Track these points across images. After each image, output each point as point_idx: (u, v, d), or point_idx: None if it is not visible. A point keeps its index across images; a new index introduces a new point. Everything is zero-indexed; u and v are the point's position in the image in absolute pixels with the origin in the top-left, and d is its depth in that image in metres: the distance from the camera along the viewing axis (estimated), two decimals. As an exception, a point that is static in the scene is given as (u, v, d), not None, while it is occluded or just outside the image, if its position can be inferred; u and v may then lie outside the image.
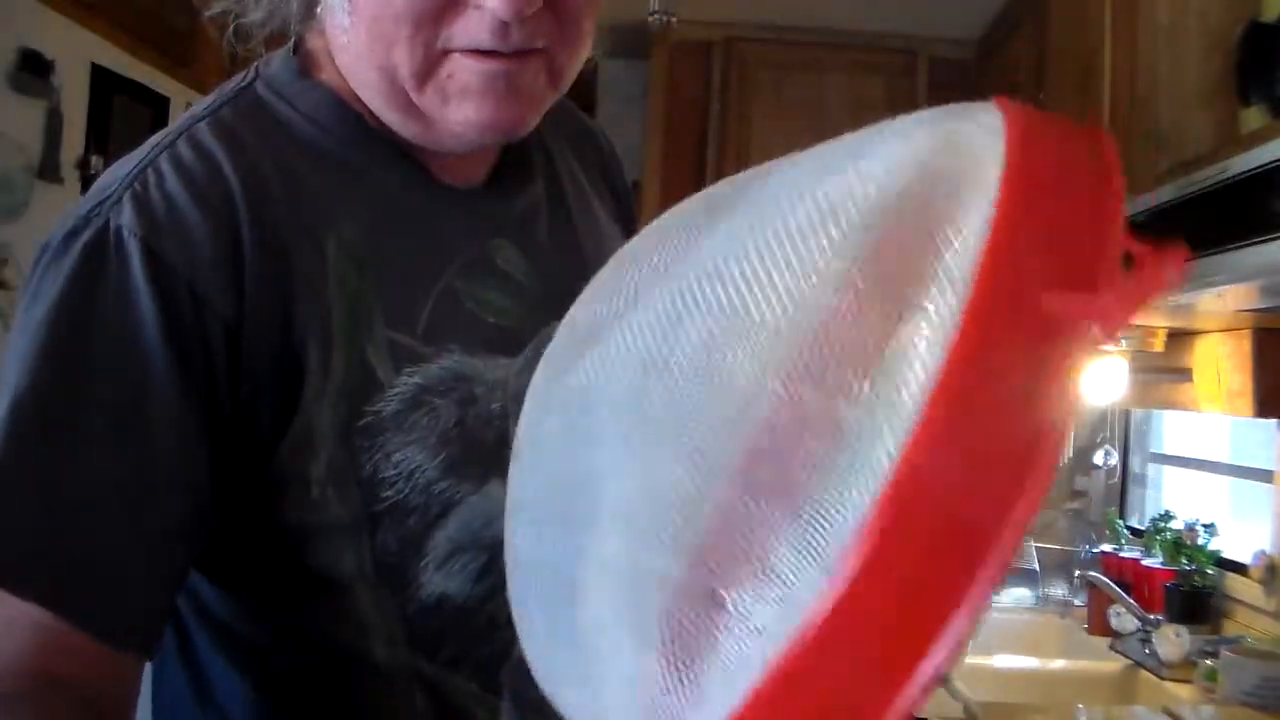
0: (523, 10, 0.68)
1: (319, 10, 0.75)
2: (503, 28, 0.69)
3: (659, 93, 3.02)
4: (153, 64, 1.85)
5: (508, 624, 0.73)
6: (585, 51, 0.77)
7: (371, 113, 0.76)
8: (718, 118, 2.99)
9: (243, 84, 0.79)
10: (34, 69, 1.49)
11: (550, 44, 0.72)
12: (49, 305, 0.66)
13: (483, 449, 0.75)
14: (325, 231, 0.72)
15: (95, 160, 1.63)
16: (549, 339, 0.68)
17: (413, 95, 0.72)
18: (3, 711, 0.60)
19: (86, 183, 1.62)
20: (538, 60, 0.72)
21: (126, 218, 0.67)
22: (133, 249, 0.66)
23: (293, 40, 0.80)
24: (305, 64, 0.78)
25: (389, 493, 0.72)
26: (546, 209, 0.85)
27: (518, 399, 0.66)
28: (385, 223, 0.75)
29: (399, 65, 0.70)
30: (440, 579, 0.74)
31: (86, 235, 0.67)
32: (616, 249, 0.54)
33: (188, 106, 1.96)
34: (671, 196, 2.19)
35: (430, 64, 0.70)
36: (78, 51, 1.60)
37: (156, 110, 1.82)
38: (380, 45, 0.70)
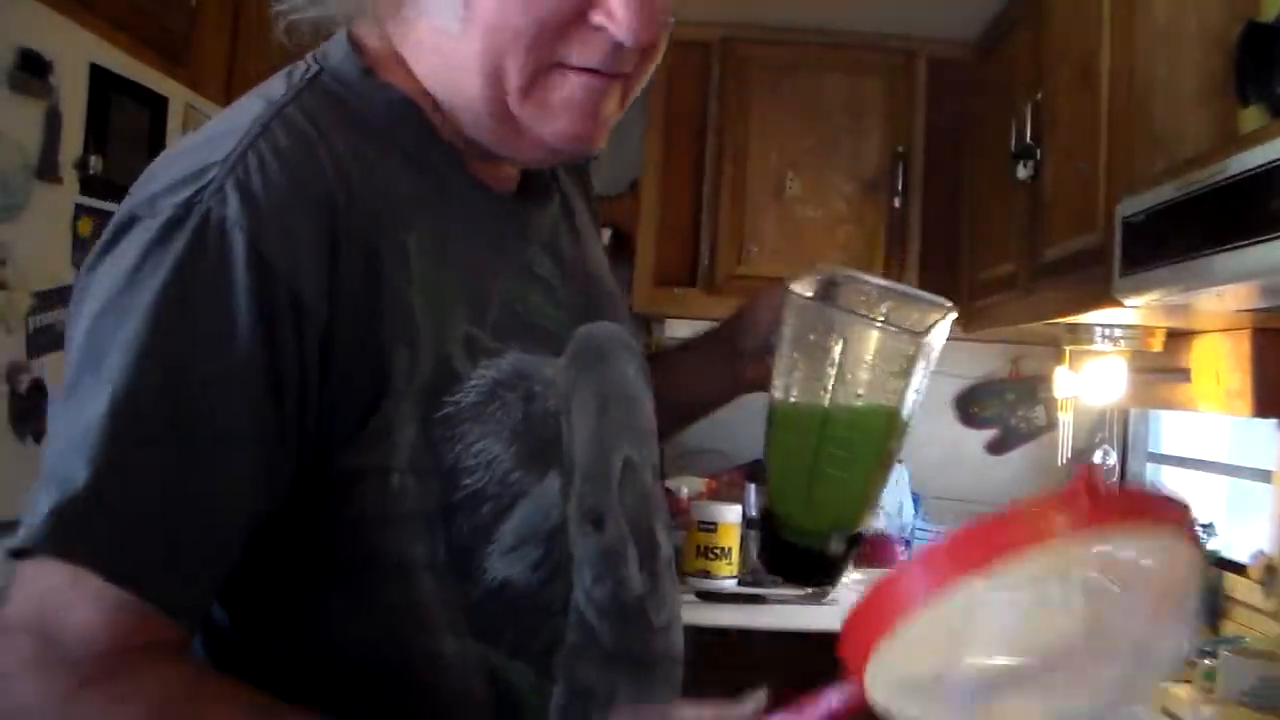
0: (644, 39, 0.73)
1: (402, 11, 0.77)
2: (617, 50, 0.74)
3: (659, 93, 3.01)
4: (152, 64, 1.84)
5: (561, 612, 0.79)
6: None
7: (439, 117, 0.79)
8: (717, 118, 2.99)
9: (308, 75, 0.78)
10: (33, 69, 1.48)
11: (633, 71, 0.78)
12: (151, 300, 0.66)
13: (544, 443, 0.79)
14: (405, 230, 0.74)
15: (94, 160, 1.63)
16: (583, 343, 0.84)
17: (513, 105, 0.75)
18: (130, 682, 0.64)
19: (86, 183, 1.61)
20: (620, 85, 0.78)
21: (232, 209, 0.68)
22: (237, 242, 0.67)
23: (345, 34, 0.81)
24: (368, 62, 0.79)
25: (469, 481, 0.75)
26: (563, 224, 0.90)
27: (567, 398, 0.79)
28: (453, 224, 0.79)
29: (509, 75, 0.73)
30: (504, 566, 0.76)
31: (191, 224, 0.67)
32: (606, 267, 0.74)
33: (187, 106, 1.96)
34: (671, 196, 2.20)
35: (539, 77, 0.74)
36: (77, 51, 1.60)
37: (156, 110, 1.82)
38: (492, 54, 0.73)
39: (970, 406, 3.29)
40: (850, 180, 2.97)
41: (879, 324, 0.97)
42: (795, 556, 1.00)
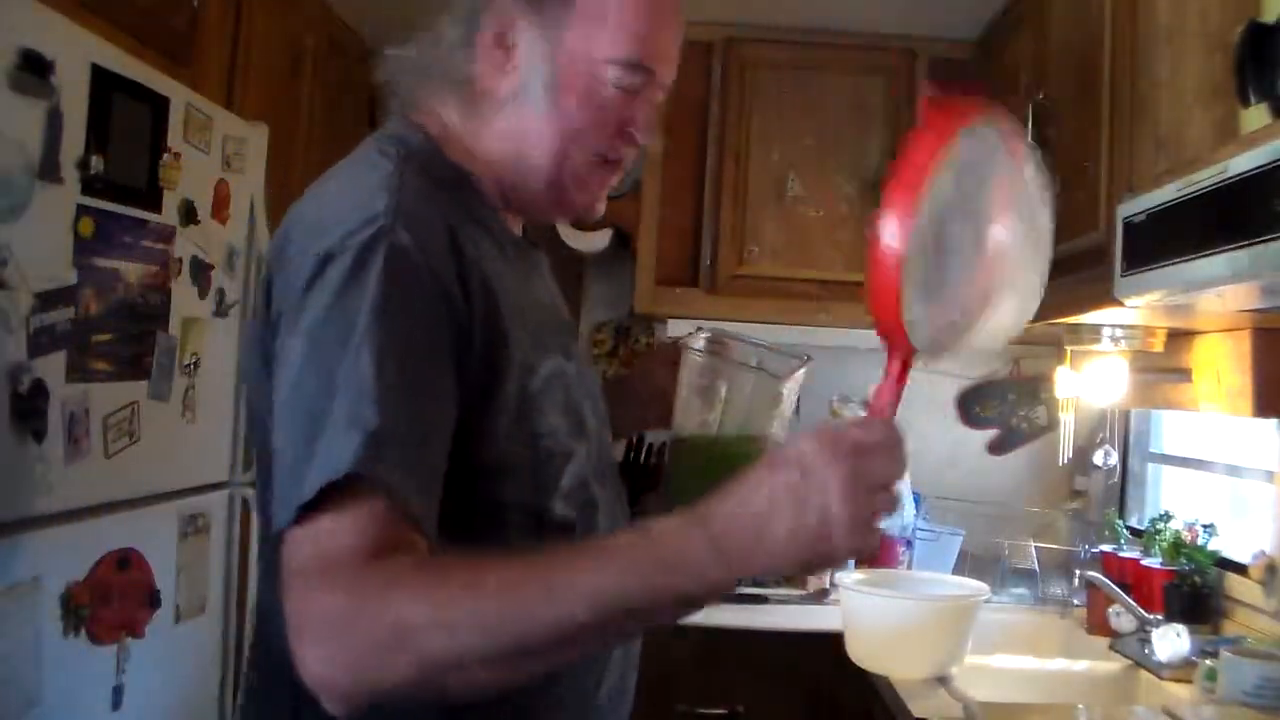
0: (653, 143, 1.19)
1: (479, 109, 1.12)
2: (635, 151, 1.17)
3: (659, 93, 3.02)
4: (153, 64, 1.84)
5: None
6: None
7: (487, 184, 1.12)
8: (718, 117, 2.99)
9: (400, 153, 1.06)
10: (34, 69, 1.48)
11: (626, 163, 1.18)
12: (371, 300, 0.91)
13: (578, 419, 1.10)
14: (487, 264, 1.03)
15: (95, 160, 1.63)
16: (579, 355, 1.17)
17: (567, 181, 1.13)
18: (429, 568, 0.87)
19: (87, 183, 1.61)
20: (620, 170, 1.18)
21: (406, 240, 0.95)
22: (418, 262, 0.95)
23: (403, 118, 1.13)
24: (434, 143, 1.11)
25: (547, 442, 1.05)
26: (547, 269, 1.25)
27: (581, 391, 1.13)
28: (502, 262, 1.07)
29: (573, 160, 1.12)
30: (562, 506, 1.06)
31: (382, 251, 0.93)
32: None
33: (188, 107, 1.96)
34: (671, 196, 2.21)
35: (588, 164, 1.13)
36: (78, 51, 1.60)
37: (156, 110, 1.82)
38: (563, 146, 1.11)
39: (971, 406, 3.29)
40: (851, 180, 2.97)
41: (756, 370, 1.29)
42: None
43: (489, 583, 0.84)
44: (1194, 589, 2.26)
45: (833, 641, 2.16)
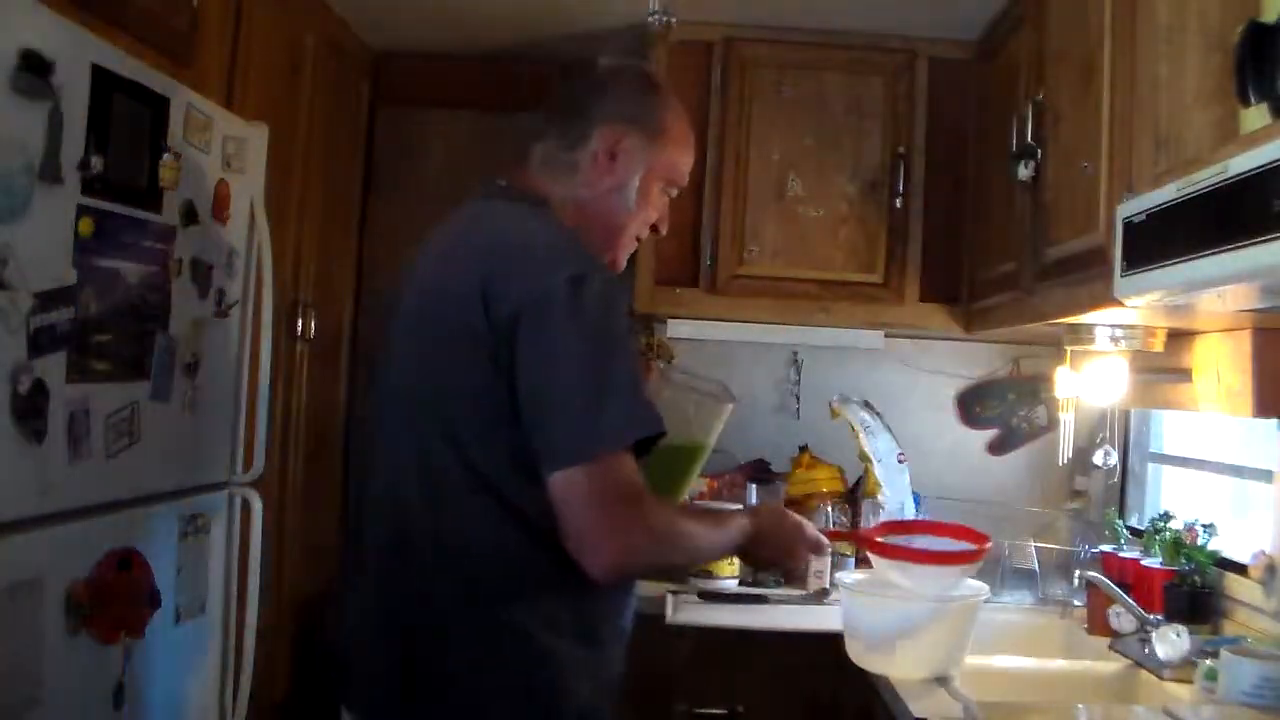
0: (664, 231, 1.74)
1: (577, 187, 1.61)
2: (651, 235, 1.71)
3: (659, 93, 3.01)
4: (153, 64, 1.84)
5: None
6: None
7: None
8: (718, 118, 2.99)
9: (548, 210, 1.58)
10: (35, 70, 1.48)
11: None
12: (616, 310, 1.43)
13: None
14: None
15: (95, 160, 1.63)
16: None
17: (615, 251, 1.65)
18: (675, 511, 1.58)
19: (87, 183, 1.61)
20: None
21: (609, 272, 1.53)
22: (618, 284, 1.48)
23: (510, 181, 1.63)
24: (547, 205, 1.58)
25: None
26: None
27: None
28: None
29: (628, 239, 1.65)
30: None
31: (609, 280, 1.45)
32: None
33: (189, 107, 1.96)
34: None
35: (629, 243, 1.66)
36: (78, 51, 1.60)
37: (156, 110, 1.82)
38: (625, 230, 1.64)
39: (972, 406, 3.29)
40: (851, 180, 2.97)
41: (713, 397, 1.81)
42: None
43: (693, 522, 1.54)
44: (1194, 589, 2.26)
45: (833, 641, 2.16)
